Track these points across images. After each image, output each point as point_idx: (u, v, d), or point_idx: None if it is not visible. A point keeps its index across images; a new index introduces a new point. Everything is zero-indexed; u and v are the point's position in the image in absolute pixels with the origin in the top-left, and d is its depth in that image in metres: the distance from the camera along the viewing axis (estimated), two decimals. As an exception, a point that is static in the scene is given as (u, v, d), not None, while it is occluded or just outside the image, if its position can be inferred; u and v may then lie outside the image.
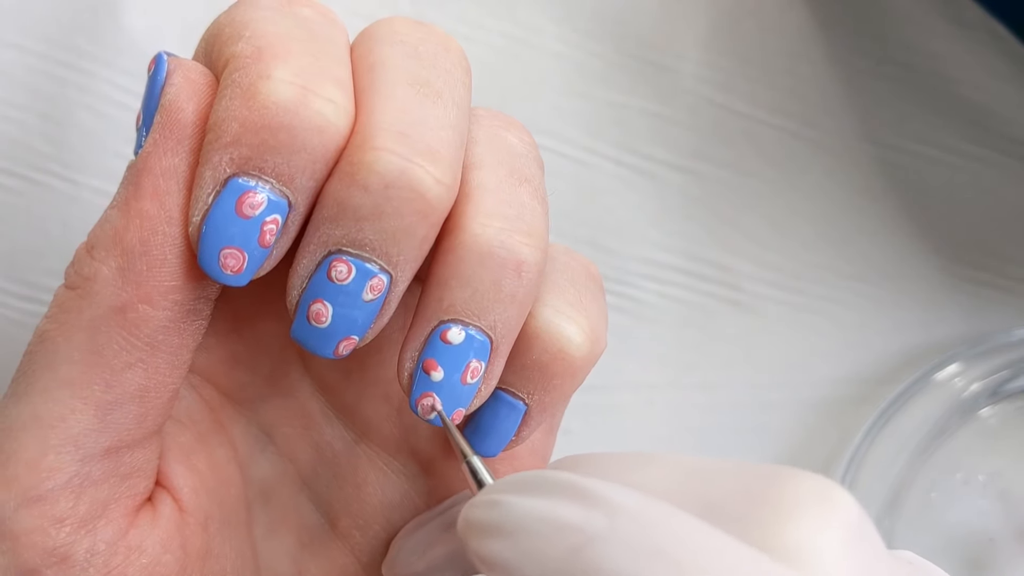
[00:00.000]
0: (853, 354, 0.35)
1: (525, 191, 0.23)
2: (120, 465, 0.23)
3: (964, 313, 0.35)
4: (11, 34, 0.32)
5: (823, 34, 0.35)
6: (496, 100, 0.34)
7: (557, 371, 0.23)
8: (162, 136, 0.21)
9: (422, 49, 0.23)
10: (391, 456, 0.26)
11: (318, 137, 0.21)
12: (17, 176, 0.32)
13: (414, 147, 0.21)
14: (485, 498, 0.20)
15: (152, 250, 0.21)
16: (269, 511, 0.26)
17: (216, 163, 0.21)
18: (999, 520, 0.34)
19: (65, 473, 0.22)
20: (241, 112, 0.20)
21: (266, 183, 0.21)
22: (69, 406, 0.22)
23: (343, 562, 0.26)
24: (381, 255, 0.21)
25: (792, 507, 0.18)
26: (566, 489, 0.19)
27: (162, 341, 0.22)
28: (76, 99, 0.32)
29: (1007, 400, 0.34)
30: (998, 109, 0.35)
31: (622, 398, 0.35)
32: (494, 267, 0.22)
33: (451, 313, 0.22)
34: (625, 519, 0.18)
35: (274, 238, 0.21)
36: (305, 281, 0.22)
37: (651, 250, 0.35)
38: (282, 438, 0.26)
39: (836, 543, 0.18)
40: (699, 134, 0.35)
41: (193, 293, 0.22)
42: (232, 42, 0.21)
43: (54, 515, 0.22)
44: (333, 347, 0.22)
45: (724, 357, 0.35)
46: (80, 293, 0.22)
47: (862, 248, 0.35)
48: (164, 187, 0.21)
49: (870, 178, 0.35)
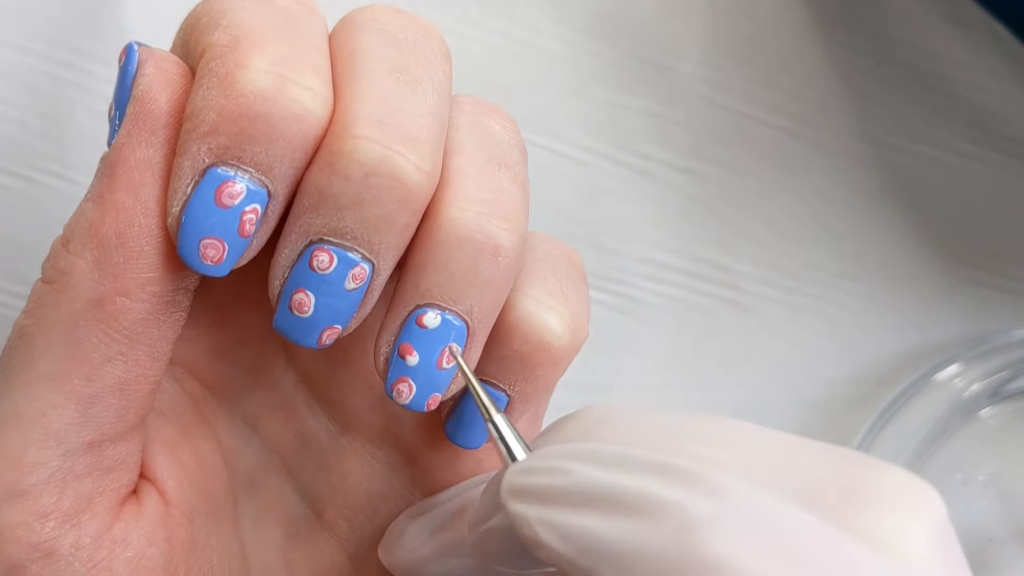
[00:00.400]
0: (853, 354, 0.35)
1: (504, 176, 0.23)
2: (103, 459, 0.23)
3: (964, 313, 0.35)
4: (11, 34, 0.32)
5: (823, 34, 0.35)
6: (496, 100, 0.34)
7: (538, 361, 0.23)
8: (135, 127, 0.21)
9: (401, 36, 0.22)
10: (375, 446, 0.26)
11: (296, 125, 0.21)
12: (17, 176, 0.32)
13: (394, 135, 0.21)
14: (545, 464, 0.19)
15: (128, 242, 0.21)
16: (255, 502, 0.26)
17: (194, 153, 0.21)
18: (999, 520, 0.34)
19: (48, 468, 0.22)
20: (219, 101, 0.20)
21: (245, 172, 0.21)
22: (50, 401, 0.22)
23: (330, 552, 0.26)
24: (363, 243, 0.21)
25: (885, 498, 0.18)
26: (656, 467, 0.18)
27: (141, 333, 0.22)
28: (76, 99, 0.32)
29: (1007, 401, 0.34)
30: (998, 109, 0.35)
31: (622, 398, 0.34)
32: (471, 251, 0.22)
33: (427, 297, 0.22)
34: (732, 504, 0.17)
35: (254, 227, 0.21)
36: (287, 271, 0.22)
37: (651, 250, 0.35)
38: (266, 430, 0.26)
39: (929, 537, 0.18)
40: (699, 134, 0.35)
41: (171, 284, 0.22)
42: (208, 31, 0.21)
43: (38, 510, 0.22)
44: (316, 337, 0.22)
45: (724, 357, 0.35)
46: (57, 287, 0.22)
47: (862, 248, 0.35)
48: (139, 178, 0.21)
49: (870, 178, 0.35)
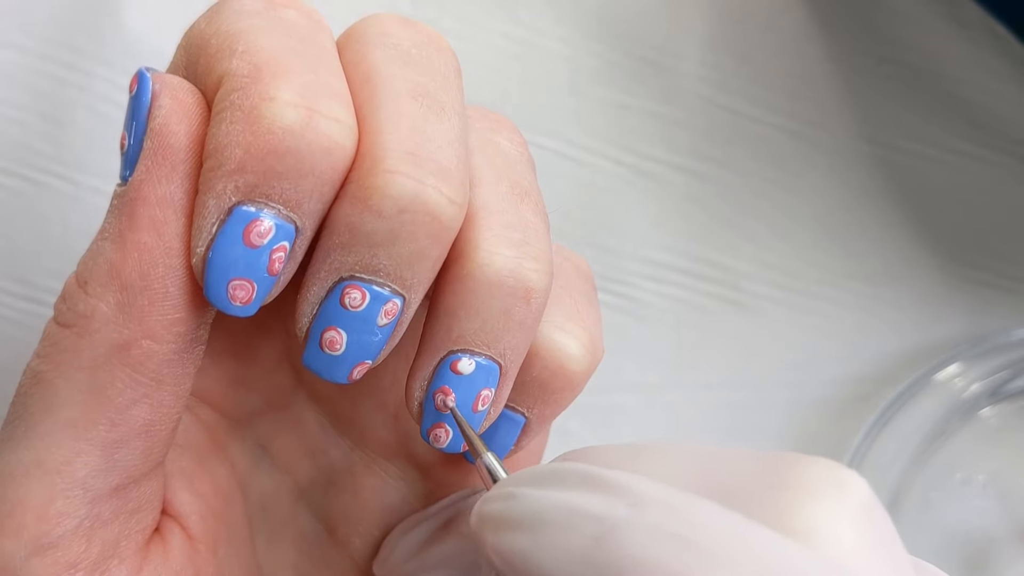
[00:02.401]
0: (853, 354, 0.35)
1: (527, 208, 0.22)
2: (128, 502, 0.22)
3: (964, 313, 0.35)
4: (11, 34, 0.32)
5: (823, 34, 0.35)
6: (496, 100, 0.34)
7: (558, 386, 0.23)
8: (155, 163, 0.20)
9: (415, 53, 0.22)
10: (388, 462, 0.26)
11: (326, 160, 0.20)
12: (17, 176, 0.32)
13: (425, 167, 0.20)
14: (500, 491, 0.20)
15: (153, 284, 0.20)
16: (269, 522, 0.26)
17: (220, 191, 0.20)
18: (999, 520, 0.34)
19: (75, 518, 0.21)
20: (244, 137, 0.19)
21: (272, 209, 0.20)
22: (74, 449, 0.21)
23: (343, 569, 0.25)
24: (395, 280, 0.21)
25: (806, 491, 0.18)
26: (584, 480, 0.18)
27: (167, 374, 0.21)
28: (76, 99, 0.32)
29: (1007, 400, 0.34)
30: (998, 109, 0.35)
31: (622, 398, 0.34)
32: (503, 297, 0.21)
33: (460, 343, 0.22)
34: (647, 507, 0.17)
35: (282, 265, 0.21)
36: (315, 308, 0.21)
37: (651, 250, 0.35)
38: (278, 450, 0.26)
39: (850, 525, 0.18)
40: (699, 134, 0.35)
41: (196, 323, 0.21)
42: (223, 57, 0.20)
43: (67, 561, 0.21)
44: (347, 373, 0.22)
45: (724, 357, 0.35)
46: (77, 331, 0.21)
47: (862, 248, 0.35)
48: (161, 217, 0.20)
49: (869, 178, 0.35)
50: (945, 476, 0.34)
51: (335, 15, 0.23)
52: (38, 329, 0.22)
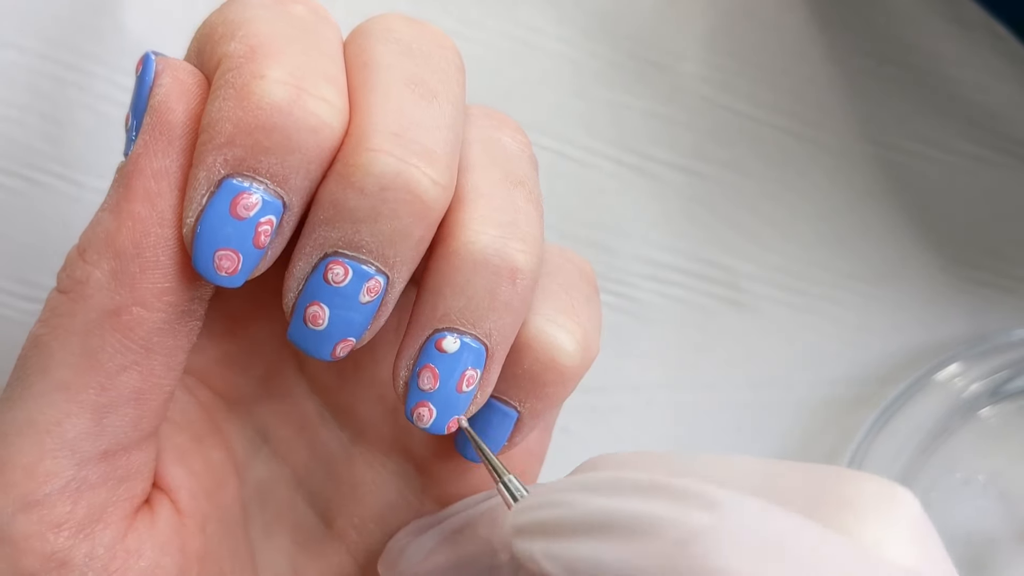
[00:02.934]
0: (853, 354, 0.35)
1: (519, 194, 0.23)
2: (117, 468, 0.23)
3: (964, 313, 0.35)
4: (11, 34, 0.32)
5: (823, 34, 0.35)
6: (496, 100, 0.34)
7: (549, 380, 0.23)
8: (152, 137, 0.21)
9: (415, 47, 0.22)
10: (387, 456, 0.26)
11: (312, 137, 0.20)
12: (17, 176, 0.32)
13: (410, 148, 0.21)
14: (539, 499, 0.19)
15: (145, 252, 0.21)
16: (265, 512, 0.26)
17: (210, 164, 0.21)
18: (999, 520, 0.34)
19: (62, 478, 0.22)
20: (235, 112, 0.20)
21: (260, 184, 0.21)
22: (64, 410, 0.21)
23: (339, 561, 0.26)
24: (378, 257, 0.21)
25: (861, 506, 0.18)
26: (648, 487, 0.18)
27: (157, 343, 0.22)
28: (76, 99, 0.32)
29: (1007, 400, 0.34)
30: (998, 109, 0.35)
31: (622, 398, 0.34)
32: (488, 275, 0.22)
33: (445, 322, 0.22)
34: (728, 514, 0.17)
35: (269, 239, 0.21)
36: (301, 283, 0.22)
37: (651, 250, 0.35)
38: (277, 439, 0.26)
39: (910, 536, 0.18)
40: (699, 134, 0.35)
41: (187, 294, 0.22)
42: (224, 41, 0.21)
43: (52, 520, 0.22)
44: (330, 349, 0.22)
45: (724, 357, 0.35)
46: (72, 297, 0.21)
47: (862, 248, 0.35)
48: (156, 189, 0.21)
49: (870, 178, 0.35)
50: (945, 476, 0.34)
51: (337, 17, 0.23)
52: (39, 330, 0.22)
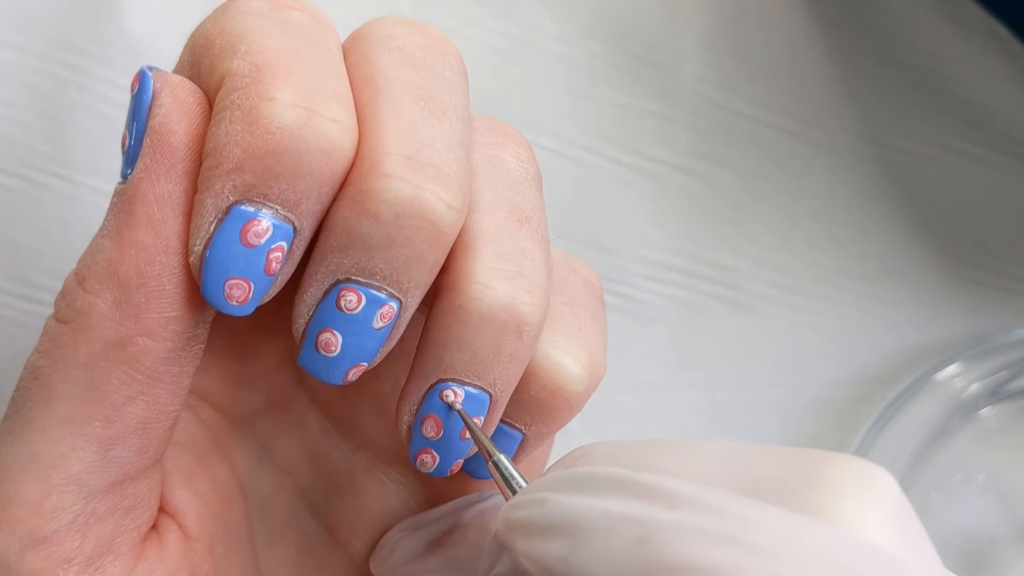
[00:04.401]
0: (853, 354, 0.35)
1: (526, 235, 0.22)
2: (124, 498, 0.22)
3: (964, 313, 0.35)
4: (11, 34, 0.32)
5: (823, 34, 0.35)
6: (496, 100, 0.34)
7: (555, 406, 0.23)
8: (153, 161, 0.20)
9: (420, 56, 0.22)
10: (389, 466, 0.25)
11: (324, 161, 0.20)
12: (17, 176, 0.32)
13: (423, 172, 0.20)
14: (528, 497, 0.19)
15: (150, 281, 0.20)
16: (269, 523, 0.26)
17: (218, 190, 0.20)
18: (999, 520, 0.34)
19: (70, 513, 0.21)
20: (243, 137, 0.19)
21: (270, 209, 0.20)
22: (70, 444, 0.21)
23: (343, 570, 0.25)
24: (391, 283, 0.21)
25: (836, 487, 0.18)
26: (618, 484, 0.18)
27: (163, 372, 0.21)
28: (76, 99, 0.32)
29: (1007, 400, 0.34)
30: (998, 109, 0.35)
31: (622, 398, 0.34)
32: (494, 331, 0.21)
33: (450, 374, 0.22)
34: (687, 507, 0.17)
35: (279, 265, 0.21)
36: (312, 309, 0.21)
37: (651, 250, 0.35)
38: (279, 451, 0.26)
39: (885, 516, 0.18)
40: (699, 134, 0.35)
41: (193, 321, 0.21)
42: (226, 57, 0.20)
43: (61, 556, 0.21)
44: (343, 375, 0.22)
45: (724, 357, 0.35)
46: (74, 328, 0.21)
47: (862, 248, 0.35)
48: (159, 215, 0.20)
49: (870, 178, 0.35)
50: (945, 476, 0.34)
51: (335, 16, 0.23)
52: (38, 329, 0.22)
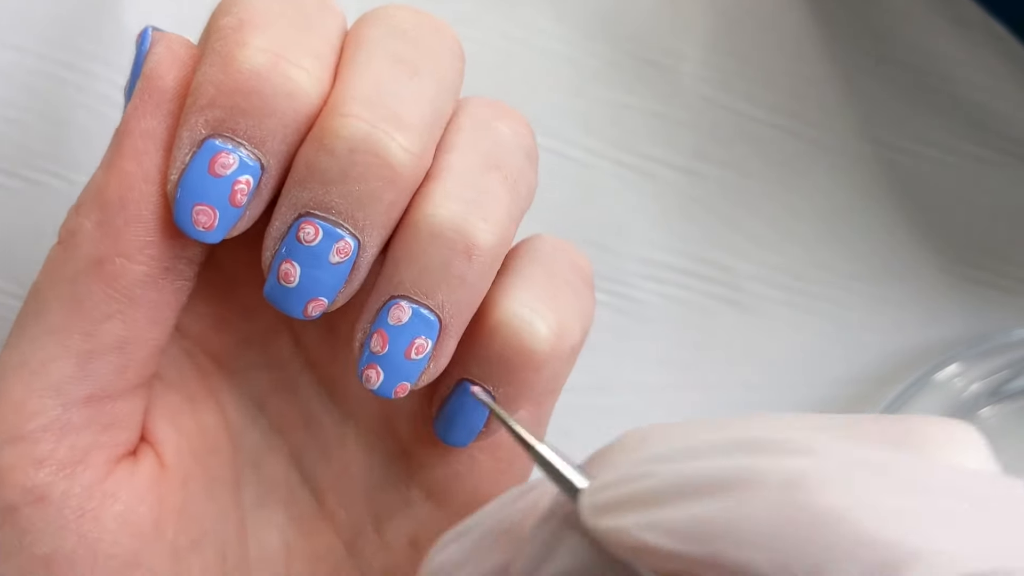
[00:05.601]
0: (853, 354, 0.35)
1: (494, 177, 0.23)
2: (101, 415, 0.23)
3: (964, 313, 0.35)
4: (11, 34, 0.32)
5: (823, 34, 0.35)
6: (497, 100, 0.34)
7: (519, 364, 0.23)
8: (142, 100, 0.22)
9: (411, 31, 0.23)
10: (377, 437, 0.26)
11: (288, 102, 0.22)
12: (17, 176, 0.32)
13: (380, 113, 0.22)
14: (620, 475, 0.18)
15: (129, 205, 0.22)
16: (260, 481, 0.26)
17: (193, 124, 0.22)
18: (999, 520, 0.34)
19: (46, 416, 0.23)
20: (217, 76, 0.21)
21: (239, 145, 0.22)
22: (52, 353, 0.23)
23: (327, 539, 0.26)
24: (347, 219, 0.22)
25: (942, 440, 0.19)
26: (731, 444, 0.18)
27: (140, 295, 0.23)
28: (76, 99, 0.32)
29: (1007, 400, 0.34)
30: (998, 109, 0.35)
31: (622, 398, 0.34)
32: (443, 248, 0.22)
33: (400, 290, 0.23)
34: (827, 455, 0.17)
35: (246, 198, 0.22)
36: (278, 242, 0.23)
37: (651, 250, 0.35)
38: (274, 410, 0.27)
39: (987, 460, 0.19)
40: (699, 134, 0.35)
41: (170, 250, 0.23)
42: (219, 16, 0.23)
43: (35, 455, 0.23)
44: (301, 307, 0.23)
45: (724, 357, 0.35)
46: (64, 247, 0.23)
47: (862, 248, 0.35)
48: (142, 147, 0.22)
49: (870, 178, 0.35)
50: (945, 476, 0.34)
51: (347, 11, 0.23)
52: (39, 330, 0.23)
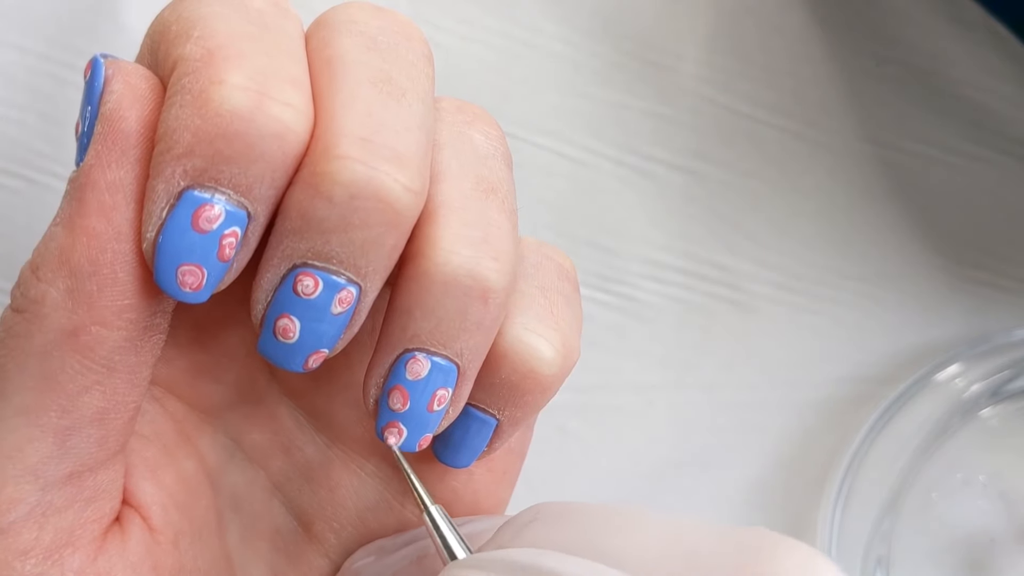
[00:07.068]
0: (853, 354, 0.35)
1: (492, 205, 0.22)
2: (83, 490, 0.22)
3: (964, 313, 0.35)
4: (11, 34, 0.32)
5: (823, 34, 0.35)
6: (496, 100, 0.34)
7: (528, 389, 0.23)
8: (104, 148, 0.20)
9: (382, 40, 0.21)
10: (364, 459, 0.25)
11: (277, 144, 0.19)
12: (17, 176, 0.32)
13: (379, 153, 0.20)
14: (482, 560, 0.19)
15: (102, 269, 0.20)
16: (241, 517, 0.25)
17: (169, 175, 0.20)
18: (999, 520, 0.34)
19: (26, 504, 0.21)
20: (193, 121, 0.19)
21: (223, 194, 0.20)
22: (26, 435, 0.21)
23: (318, 564, 0.25)
24: (349, 267, 0.21)
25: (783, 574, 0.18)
26: None
27: (119, 361, 0.21)
28: (76, 99, 0.32)
29: (1008, 400, 0.34)
30: (998, 109, 0.35)
31: (622, 398, 0.34)
32: (459, 296, 0.21)
33: (416, 343, 0.22)
34: None
35: (234, 251, 0.20)
36: (270, 295, 0.21)
37: (651, 250, 0.35)
38: (251, 445, 0.26)
39: None
40: (699, 134, 0.35)
41: (149, 310, 0.21)
42: (180, 43, 0.20)
43: (18, 548, 0.21)
44: (302, 362, 0.22)
45: (724, 357, 0.35)
46: (28, 317, 0.20)
47: (862, 248, 0.35)
48: (110, 202, 0.20)
49: (870, 178, 0.35)
50: (945, 476, 0.34)
51: (321, 8, 0.23)
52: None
